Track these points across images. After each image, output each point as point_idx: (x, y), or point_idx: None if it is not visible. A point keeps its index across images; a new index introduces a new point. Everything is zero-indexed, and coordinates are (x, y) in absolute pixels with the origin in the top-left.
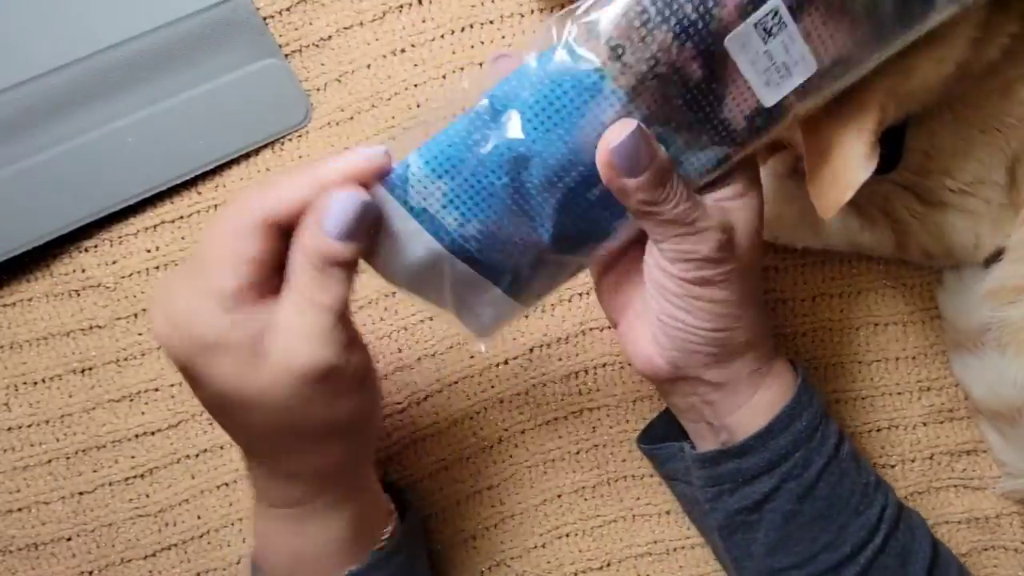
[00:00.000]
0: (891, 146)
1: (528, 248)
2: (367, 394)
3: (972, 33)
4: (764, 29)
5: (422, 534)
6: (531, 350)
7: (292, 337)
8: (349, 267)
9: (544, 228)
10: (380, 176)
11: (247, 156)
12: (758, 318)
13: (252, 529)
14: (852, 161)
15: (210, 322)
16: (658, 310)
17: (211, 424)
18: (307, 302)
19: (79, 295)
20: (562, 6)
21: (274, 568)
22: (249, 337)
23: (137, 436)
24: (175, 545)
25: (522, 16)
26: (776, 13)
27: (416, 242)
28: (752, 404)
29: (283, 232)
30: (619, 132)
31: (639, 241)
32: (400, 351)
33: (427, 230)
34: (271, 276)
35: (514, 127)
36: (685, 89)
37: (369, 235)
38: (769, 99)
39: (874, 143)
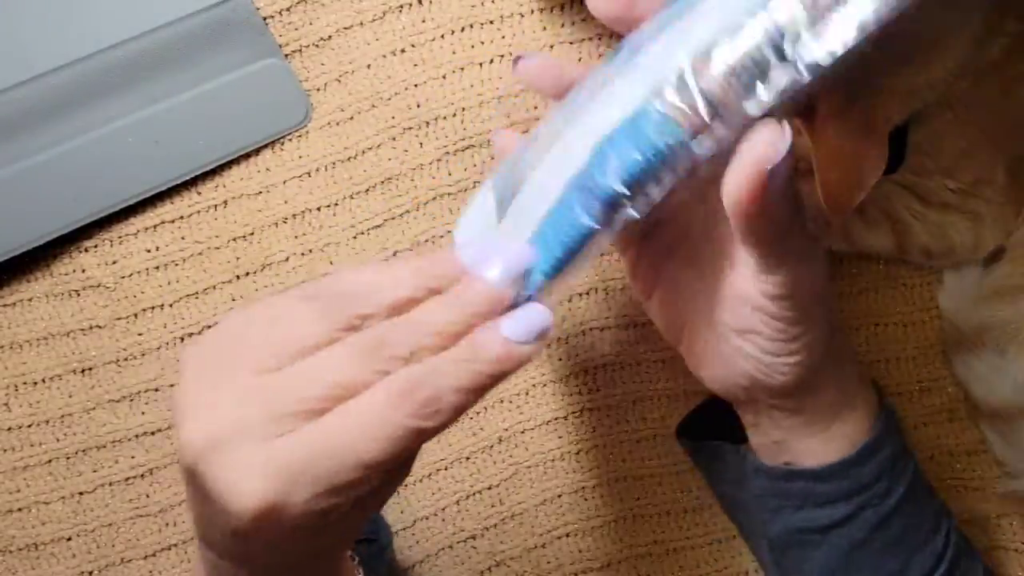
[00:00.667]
0: (894, 146)
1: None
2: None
3: (976, 31)
4: None
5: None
6: None
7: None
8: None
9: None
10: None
11: (247, 156)
12: (842, 347)
13: None
14: (863, 162)
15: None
16: (733, 343)
17: None
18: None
19: (79, 295)
20: (562, 7)
21: None
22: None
23: (137, 436)
24: (175, 545)
25: (522, 16)
26: None
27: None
28: (827, 435)
29: None
30: (777, 145)
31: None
32: None
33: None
34: None
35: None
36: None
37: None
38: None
39: (884, 143)
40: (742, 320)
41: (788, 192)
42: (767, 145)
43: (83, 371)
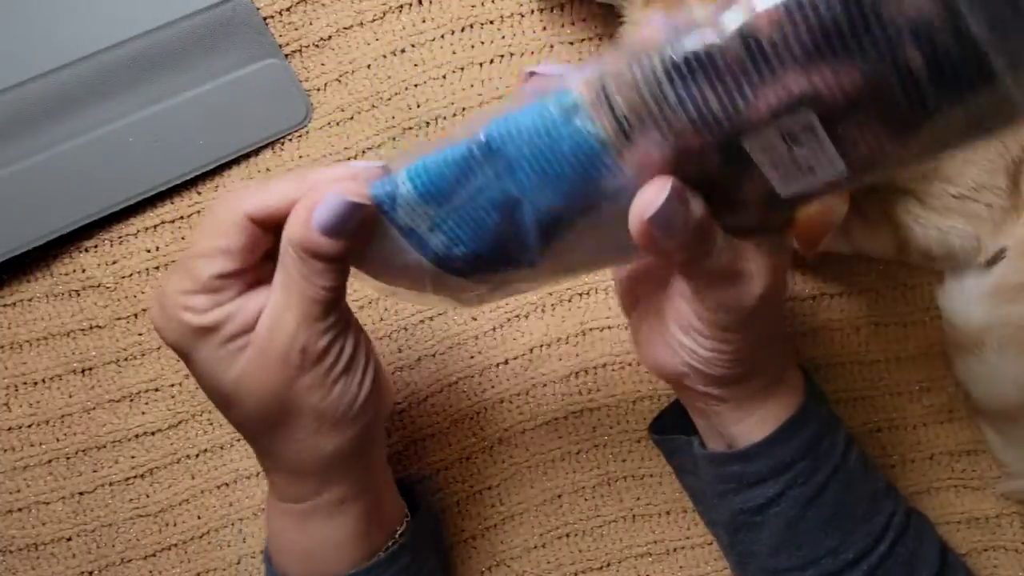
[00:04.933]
0: None
1: (515, 270)
2: (359, 383)
3: None
4: (790, 136)
5: (434, 535)
6: (531, 350)
7: (276, 320)
8: (332, 261)
9: (532, 256)
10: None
11: (247, 156)
12: (778, 345)
13: (266, 523)
14: (826, 204)
15: (195, 307)
16: (677, 336)
17: (211, 424)
18: (293, 289)
19: (79, 295)
20: (562, 7)
21: (282, 565)
22: (234, 322)
23: (137, 436)
24: (175, 545)
25: (522, 16)
26: (810, 127)
27: (405, 258)
28: (756, 416)
29: (272, 228)
30: (653, 200)
31: None
32: (400, 351)
33: (413, 246)
34: (258, 268)
35: (507, 172)
36: (698, 173)
37: (355, 237)
38: (785, 191)
39: None
40: (684, 318)
41: (676, 228)
42: (646, 199)
43: (83, 371)
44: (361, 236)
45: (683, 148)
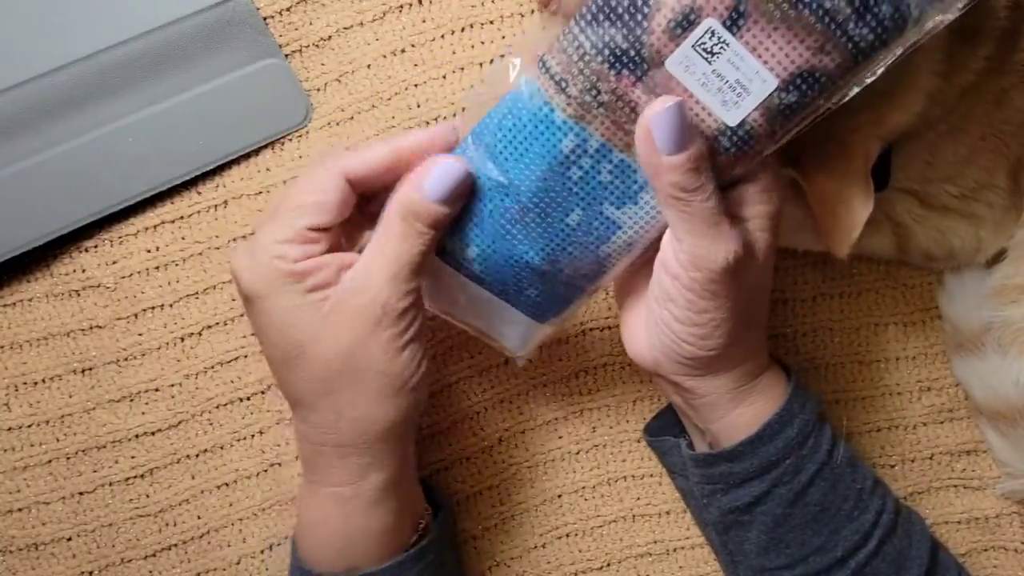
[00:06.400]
0: (878, 168)
1: (525, 270)
2: (422, 356)
3: (935, 66)
4: (704, 49)
5: (452, 535)
6: None
7: (364, 274)
8: (433, 227)
9: (533, 251)
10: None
11: (247, 156)
12: (752, 341)
13: (297, 509)
14: (850, 205)
15: (287, 255)
16: (654, 310)
17: (211, 424)
18: (389, 247)
19: (79, 295)
20: None
21: (313, 556)
22: (321, 274)
23: (137, 436)
24: (175, 545)
25: (522, 16)
26: (713, 32)
27: (432, 266)
28: (732, 418)
29: (360, 189)
30: (660, 105)
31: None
32: None
33: (437, 255)
34: (342, 231)
35: (489, 160)
36: (634, 114)
37: (456, 204)
38: (732, 119)
39: (866, 182)
40: (661, 288)
41: (676, 143)
42: (653, 106)
43: (83, 371)
44: (459, 204)
45: (610, 91)
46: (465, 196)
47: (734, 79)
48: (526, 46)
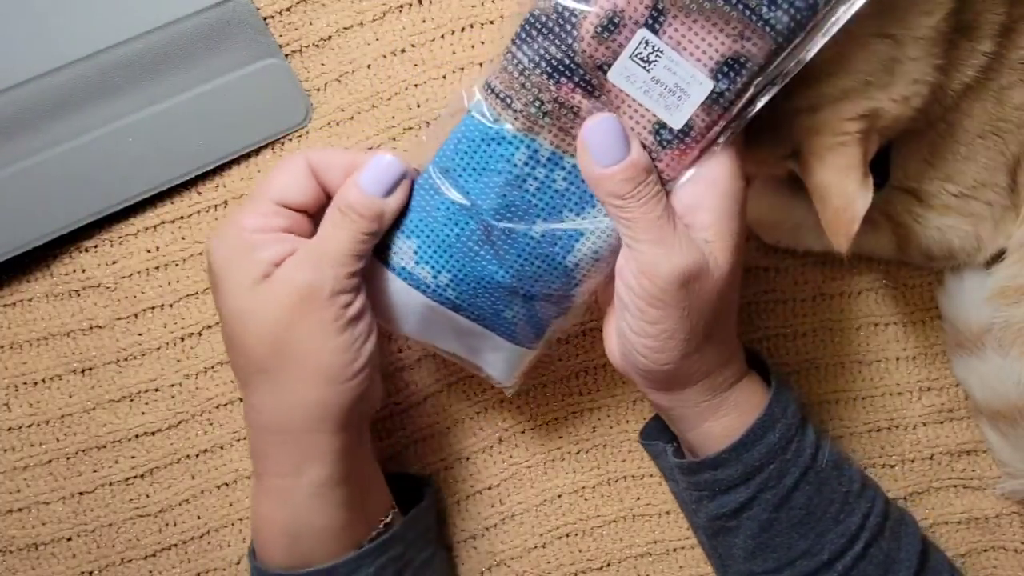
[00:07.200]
0: (878, 164)
1: (497, 291)
2: (360, 346)
3: (934, 60)
4: (641, 59)
5: (428, 529)
6: None
7: (300, 256)
8: (364, 217)
9: (503, 270)
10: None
11: (247, 156)
12: (716, 355)
13: (252, 515)
14: (849, 197)
15: (244, 223)
16: (614, 320)
17: (211, 424)
18: (323, 233)
19: (79, 295)
20: None
21: (267, 555)
22: (270, 249)
23: (137, 436)
24: (175, 545)
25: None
26: (647, 42)
27: (407, 297)
28: (703, 430)
29: (320, 184)
30: (593, 119)
31: None
32: (400, 351)
33: (411, 286)
34: (301, 223)
35: (452, 185)
36: (578, 119)
37: (393, 198)
38: (676, 122)
39: (864, 175)
40: (618, 296)
41: (610, 154)
42: (587, 123)
43: (83, 371)
44: (396, 199)
45: (552, 100)
46: (401, 191)
47: (673, 83)
48: (480, 81)
